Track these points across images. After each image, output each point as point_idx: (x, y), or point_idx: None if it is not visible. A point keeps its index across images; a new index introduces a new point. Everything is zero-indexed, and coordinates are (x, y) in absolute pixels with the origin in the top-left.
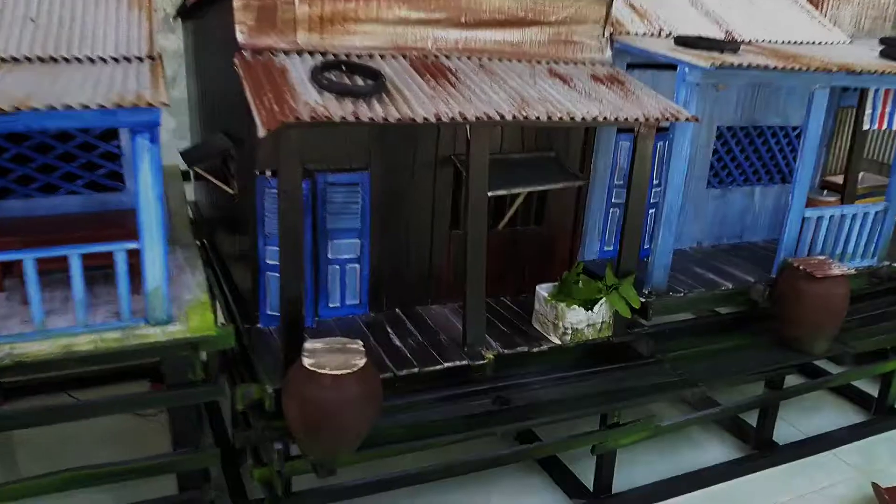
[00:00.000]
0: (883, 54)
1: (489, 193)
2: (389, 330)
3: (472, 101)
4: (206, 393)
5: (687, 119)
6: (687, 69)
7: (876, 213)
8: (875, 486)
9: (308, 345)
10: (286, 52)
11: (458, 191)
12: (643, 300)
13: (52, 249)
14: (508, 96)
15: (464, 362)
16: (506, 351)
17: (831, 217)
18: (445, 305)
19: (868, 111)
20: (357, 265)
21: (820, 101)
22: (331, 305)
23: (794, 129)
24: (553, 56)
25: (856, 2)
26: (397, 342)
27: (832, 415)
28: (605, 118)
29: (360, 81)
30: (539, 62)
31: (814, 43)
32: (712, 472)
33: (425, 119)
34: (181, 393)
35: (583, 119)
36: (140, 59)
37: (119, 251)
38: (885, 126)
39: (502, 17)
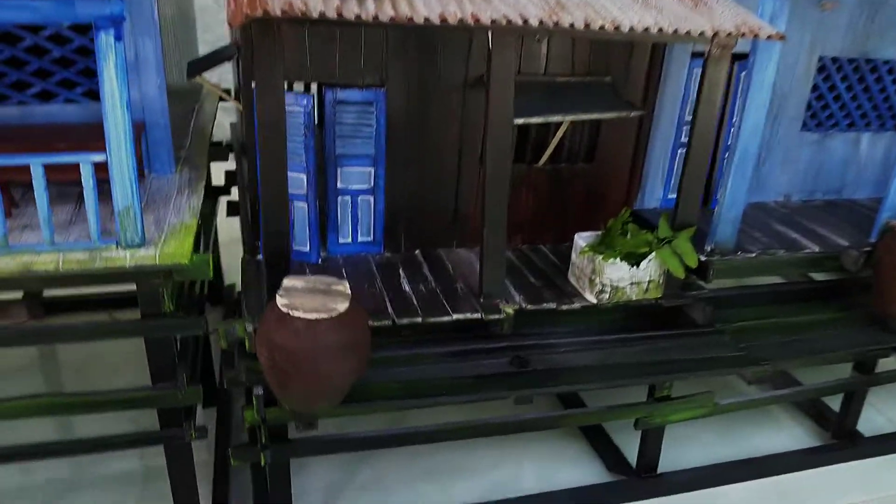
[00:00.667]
0: None
1: (517, 120)
2: (402, 272)
3: (491, 3)
4: (179, 325)
5: (770, 37)
6: None
7: None
8: None
9: (287, 282)
10: None
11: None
12: (703, 258)
13: (12, 157)
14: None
15: (476, 315)
16: (529, 306)
17: None
18: (473, 250)
19: None
20: (371, 197)
21: None
22: (341, 241)
23: None
24: None
25: None
26: (407, 287)
27: None
28: (660, 30)
29: None
30: None
31: None
32: (779, 460)
33: (426, 20)
34: (152, 324)
35: (631, 29)
36: None
37: (84, 163)
38: None
39: None
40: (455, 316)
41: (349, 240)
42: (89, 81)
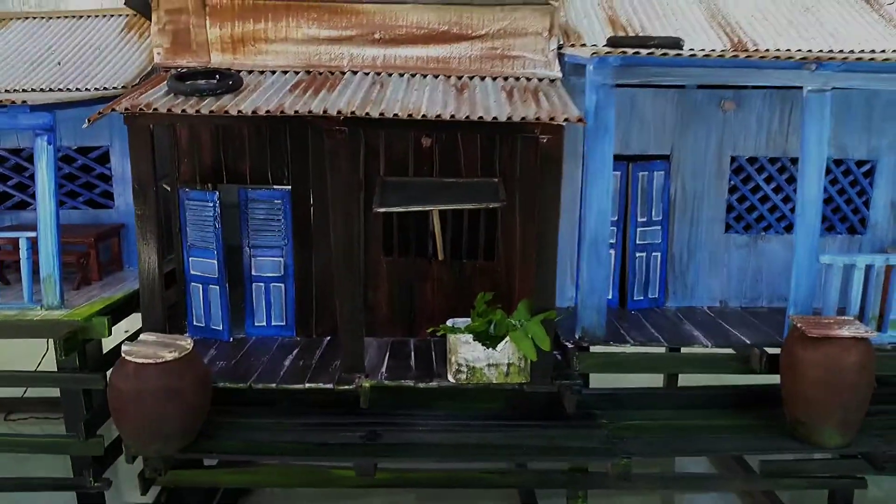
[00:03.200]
0: None
1: (380, 209)
2: (295, 352)
3: (327, 99)
4: (80, 380)
5: (567, 120)
6: (591, 66)
7: None
8: None
9: (143, 336)
10: None
11: (388, 216)
12: (570, 345)
13: None
14: (381, 98)
15: (328, 385)
16: (387, 382)
17: (869, 267)
18: (382, 338)
19: None
20: (282, 284)
21: (816, 107)
22: (256, 324)
23: (860, 163)
24: (489, 72)
25: None
26: (287, 362)
27: None
28: (465, 117)
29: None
30: (468, 77)
31: (874, 51)
32: None
33: (267, 112)
34: (55, 377)
35: (437, 117)
36: None
37: (22, 238)
38: None
39: (422, 33)
40: (307, 385)
41: (264, 323)
42: (89, 192)
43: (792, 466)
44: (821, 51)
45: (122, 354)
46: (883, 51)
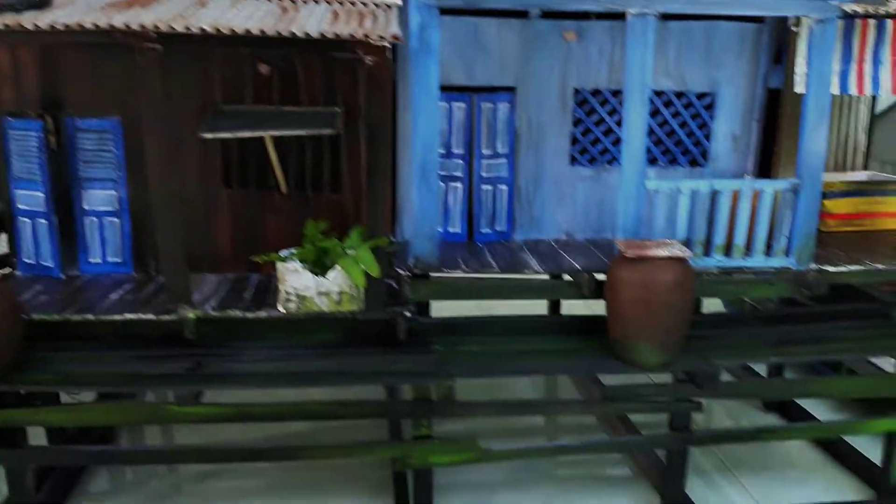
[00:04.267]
0: None
1: (207, 135)
2: (126, 287)
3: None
4: None
5: (382, 38)
6: None
7: (778, 192)
8: None
9: None
10: None
11: (227, 144)
12: (404, 273)
13: None
14: (194, 14)
15: (149, 316)
16: (213, 313)
17: (694, 193)
18: (223, 273)
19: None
20: (116, 219)
21: (639, 31)
22: (91, 260)
23: (701, 96)
24: None
25: None
26: (114, 296)
27: (819, 487)
28: (277, 33)
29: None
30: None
31: None
32: None
33: (66, 26)
34: None
35: (247, 32)
36: None
37: None
38: (833, 90)
39: None
40: (127, 315)
41: (99, 259)
42: None
43: (632, 391)
44: None
45: None
46: None
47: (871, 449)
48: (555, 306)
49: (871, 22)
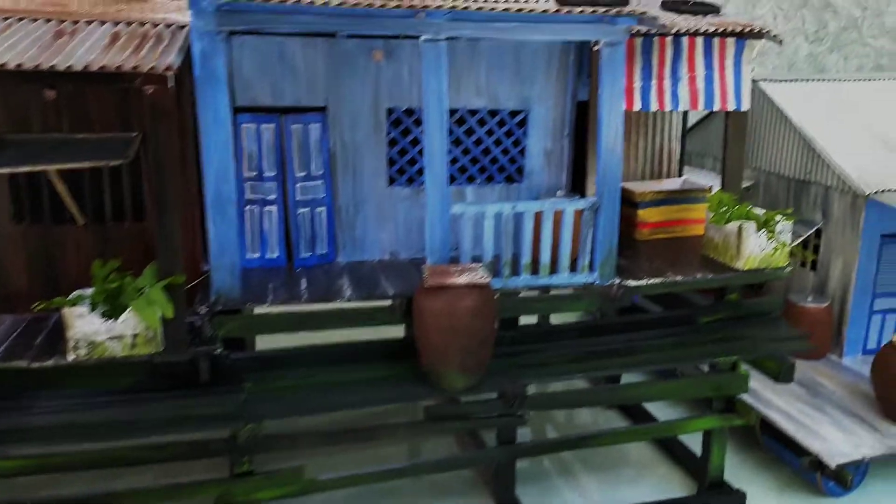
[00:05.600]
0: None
1: None
2: None
3: None
4: None
5: (154, 69)
6: (191, 11)
7: (580, 211)
8: None
9: None
10: None
11: (15, 175)
12: (206, 310)
13: None
14: None
15: None
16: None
17: (498, 215)
18: (22, 315)
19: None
20: None
21: (432, 56)
22: None
23: (514, 113)
24: (114, 16)
25: None
26: None
27: (651, 486)
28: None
29: None
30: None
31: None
32: None
33: None
34: None
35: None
36: None
37: None
38: (635, 107)
39: None
40: None
41: None
42: None
43: (456, 410)
44: None
45: None
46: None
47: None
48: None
49: (668, 39)
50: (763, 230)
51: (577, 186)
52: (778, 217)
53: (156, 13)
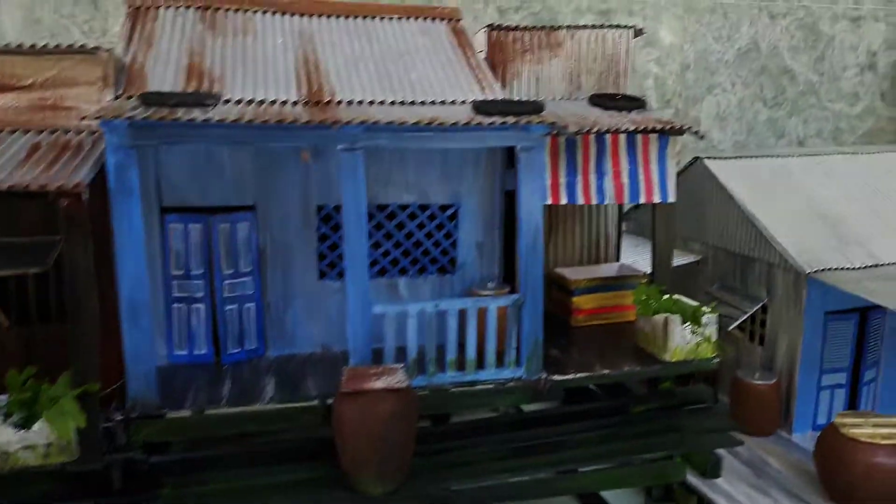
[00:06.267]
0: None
1: None
2: None
3: None
4: None
5: (62, 187)
6: (107, 129)
7: (503, 307)
8: None
9: None
10: None
11: None
12: (119, 418)
13: None
14: None
15: None
16: None
17: (421, 313)
18: None
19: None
20: None
21: (349, 164)
22: None
23: (444, 207)
24: (38, 124)
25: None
26: None
27: None
28: None
29: None
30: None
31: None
32: None
33: None
34: None
35: None
36: None
37: None
38: (561, 201)
39: None
40: None
41: None
42: None
43: None
44: (368, 100)
45: None
46: (422, 102)
47: None
48: None
49: (592, 137)
50: (688, 323)
51: (509, 276)
52: (705, 309)
53: (79, 120)
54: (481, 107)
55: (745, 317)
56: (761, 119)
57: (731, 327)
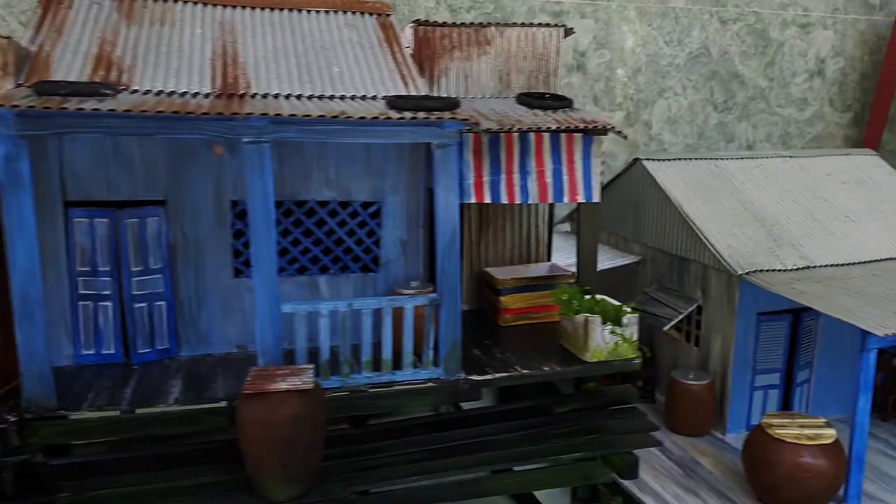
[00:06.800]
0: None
1: None
2: None
3: None
4: None
5: None
6: None
7: (420, 306)
8: None
9: None
10: None
11: None
12: (12, 419)
13: None
14: None
15: None
16: None
17: (334, 313)
18: None
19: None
20: None
21: (255, 158)
22: None
23: (367, 205)
24: None
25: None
26: None
27: None
28: None
29: None
30: None
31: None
32: None
33: None
34: None
35: None
36: None
37: None
38: (485, 199)
39: None
40: None
41: None
42: None
43: None
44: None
45: None
46: (341, 97)
47: None
48: None
49: (515, 136)
50: (609, 323)
51: (433, 275)
52: (626, 309)
53: None
54: (395, 102)
55: (680, 317)
56: (712, 123)
57: (667, 328)
